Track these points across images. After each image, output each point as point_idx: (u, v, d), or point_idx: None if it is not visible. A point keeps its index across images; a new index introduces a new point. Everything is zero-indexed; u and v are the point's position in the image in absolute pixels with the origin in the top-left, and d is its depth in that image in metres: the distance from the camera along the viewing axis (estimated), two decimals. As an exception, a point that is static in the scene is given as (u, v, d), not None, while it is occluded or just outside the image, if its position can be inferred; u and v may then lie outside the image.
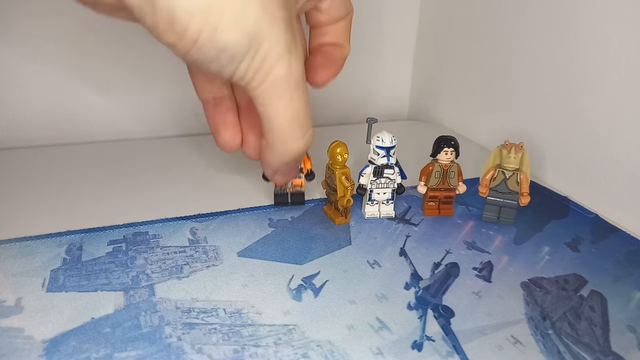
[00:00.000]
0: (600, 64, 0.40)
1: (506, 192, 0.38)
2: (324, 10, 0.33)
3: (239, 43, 0.23)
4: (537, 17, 0.45)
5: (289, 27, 0.25)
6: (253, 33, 0.23)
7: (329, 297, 0.30)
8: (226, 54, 0.24)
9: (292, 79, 0.26)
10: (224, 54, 0.24)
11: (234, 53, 0.24)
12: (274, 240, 0.35)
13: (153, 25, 0.23)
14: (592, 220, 0.40)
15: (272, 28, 0.24)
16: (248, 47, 0.24)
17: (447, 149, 0.37)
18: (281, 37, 0.25)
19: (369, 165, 0.38)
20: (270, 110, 0.27)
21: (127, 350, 0.25)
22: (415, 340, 0.27)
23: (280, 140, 0.28)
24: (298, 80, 0.26)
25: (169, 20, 0.22)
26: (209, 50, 0.23)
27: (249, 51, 0.24)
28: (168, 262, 0.32)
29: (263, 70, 0.25)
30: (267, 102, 0.26)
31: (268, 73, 0.25)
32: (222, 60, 0.24)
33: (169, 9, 0.22)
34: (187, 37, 0.23)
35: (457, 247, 0.35)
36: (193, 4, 0.22)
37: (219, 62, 0.24)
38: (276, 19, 0.24)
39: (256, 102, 0.27)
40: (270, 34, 0.24)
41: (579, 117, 0.43)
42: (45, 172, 0.44)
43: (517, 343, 0.27)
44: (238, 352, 0.25)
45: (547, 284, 0.32)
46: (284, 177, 0.34)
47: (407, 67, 0.65)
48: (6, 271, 0.31)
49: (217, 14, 0.22)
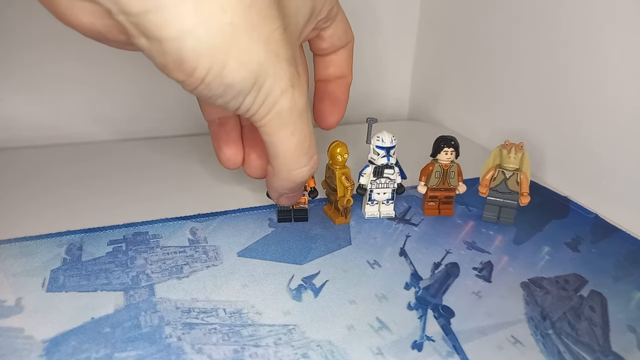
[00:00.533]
0: (601, 64, 0.40)
1: (506, 192, 0.38)
2: (326, 39, 0.35)
3: (244, 81, 0.25)
4: (537, 17, 0.45)
5: (292, 63, 0.26)
6: (258, 71, 0.25)
7: (329, 297, 0.30)
8: (232, 90, 0.25)
9: (296, 111, 0.27)
10: (230, 91, 0.25)
11: (240, 90, 0.25)
12: (274, 240, 0.35)
13: (162, 65, 0.24)
14: (592, 220, 0.40)
15: (276, 66, 0.25)
16: (253, 84, 0.25)
17: (447, 149, 0.37)
18: (285, 73, 0.26)
19: (369, 165, 0.38)
20: (275, 140, 0.28)
21: (127, 350, 0.25)
22: (415, 340, 0.27)
23: (286, 167, 0.30)
24: (301, 111, 0.28)
25: (178, 60, 0.23)
26: (216, 87, 0.24)
27: (254, 87, 0.25)
28: (168, 262, 0.32)
29: (267, 104, 0.26)
30: (271, 132, 0.28)
31: (272, 106, 0.26)
32: (228, 96, 0.25)
33: (177, 51, 0.23)
34: (195, 75, 0.24)
35: (457, 247, 0.35)
36: (200, 46, 0.23)
37: (224, 98, 0.25)
38: (279, 58, 0.25)
39: (261, 132, 0.28)
40: (274, 71, 0.25)
41: (579, 117, 0.43)
42: (45, 172, 0.44)
43: (517, 343, 0.27)
44: (238, 352, 0.25)
45: (547, 284, 0.32)
46: (289, 200, 0.35)
47: (407, 67, 0.65)
48: (6, 271, 0.31)
49: (224, 55, 0.23)
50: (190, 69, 0.23)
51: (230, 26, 0.23)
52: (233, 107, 0.26)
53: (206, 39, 0.23)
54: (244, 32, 0.24)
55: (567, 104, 0.44)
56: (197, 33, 0.22)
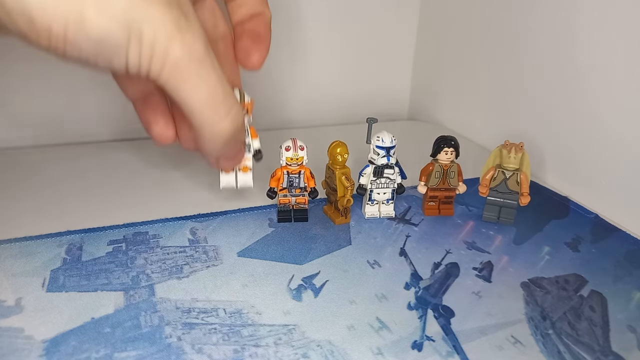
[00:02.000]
0: (601, 64, 0.40)
1: (506, 192, 0.38)
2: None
3: (114, 32, 0.22)
4: (537, 17, 0.45)
5: (171, 4, 0.24)
6: (126, 19, 0.22)
7: (329, 297, 0.30)
8: (106, 46, 0.23)
9: (194, 57, 0.25)
10: (104, 47, 0.23)
11: (114, 43, 0.23)
12: (274, 240, 0.35)
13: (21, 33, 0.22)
14: (592, 220, 0.40)
15: (149, 10, 0.23)
16: (127, 34, 0.23)
17: (447, 149, 0.37)
18: (164, 16, 0.23)
19: (369, 165, 0.38)
20: (183, 95, 0.26)
21: (127, 350, 0.25)
22: (415, 340, 0.27)
23: (205, 124, 0.27)
24: (201, 57, 0.25)
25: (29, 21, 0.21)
26: (85, 44, 0.22)
27: (131, 38, 0.23)
28: (168, 262, 0.32)
29: (157, 56, 0.24)
30: (176, 87, 0.25)
31: (164, 57, 0.24)
32: (105, 53, 0.23)
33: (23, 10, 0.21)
34: (54, 34, 0.22)
35: (457, 247, 0.35)
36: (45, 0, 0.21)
37: (103, 56, 0.23)
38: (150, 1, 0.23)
39: (167, 90, 0.26)
40: (148, 16, 0.23)
41: (579, 117, 0.43)
42: (45, 172, 0.44)
43: (517, 343, 0.27)
44: (238, 352, 0.25)
45: (547, 284, 0.32)
46: (230, 161, 0.33)
47: (407, 67, 0.65)
48: (6, 271, 0.31)
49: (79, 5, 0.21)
50: (44, 28, 0.21)
51: None
52: (119, 66, 0.24)
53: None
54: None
55: (567, 104, 0.44)
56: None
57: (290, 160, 0.36)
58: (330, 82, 0.62)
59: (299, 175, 0.37)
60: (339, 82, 0.62)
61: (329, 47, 0.60)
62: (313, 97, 0.62)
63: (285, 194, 0.37)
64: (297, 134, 0.38)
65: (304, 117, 0.62)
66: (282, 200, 0.37)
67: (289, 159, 0.36)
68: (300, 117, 0.62)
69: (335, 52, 0.60)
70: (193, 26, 0.25)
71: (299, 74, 0.60)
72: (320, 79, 0.61)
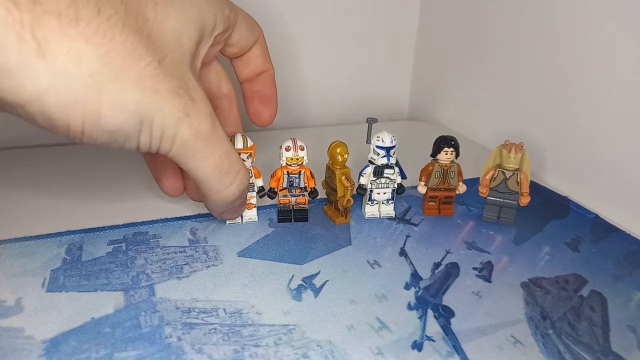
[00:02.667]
0: (601, 64, 0.40)
1: (506, 192, 0.38)
2: (234, 45, 0.35)
3: (126, 123, 0.24)
4: (538, 17, 0.45)
5: (179, 93, 0.26)
6: (138, 111, 0.24)
7: (329, 297, 0.30)
8: (120, 134, 0.24)
9: (201, 136, 0.27)
10: (118, 136, 0.24)
11: (128, 132, 0.25)
12: (274, 240, 0.35)
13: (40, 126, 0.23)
14: (592, 220, 0.40)
15: (159, 101, 0.25)
16: (139, 124, 0.25)
17: (447, 149, 0.37)
18: (172, 106, 0.25)
19: (369, 165, 0.38)
20: (192, 168, 0.28)
21: (127, 350, 0.25)
22: (415, 340, 0.27)
23: (212, 191, 0.30)
24: (207, 135, 0.27)
25: (48, 120, 0.23)
26: (101, 135, 0.24)
27: (143, 127, 0.25)
28: (168, 262, 0.32)
29: (167, 138, 0.26)
30: (184, 162, 0.28)
31: (173, 139, 0.26)
32: (119, 140, 0.25)
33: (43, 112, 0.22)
34: (72, 129, 0.23)
35: (457, 247, 0.35)
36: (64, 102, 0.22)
37: (118, 142, 0.25)
38: (160, 92, 0.25)
39: (175, 161, 0.28)
40: (158, 106, 0.25)
41: (579, 117, 0.43)
42: (45, 172, 0.44)
43: (517, 343, 0.27)
44: (238, 352, 0.25)
45: (547, 284, 0.32)
46: (234, 214, 0.35)
47: (407, 67, 0.65)
48: (6, 271, 0.31)
49: (94, 104, 0.23)
50: (63, 125, 0.23)
51: (91, 77, 0.22)
52: (132, 148, 0.26)
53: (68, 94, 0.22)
54: (109, 78, 0.23)
55: (567, 104, 0.44)
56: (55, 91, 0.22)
57: (291, 160, 0.36)
58: (330, 82, 0.62)
59: (299, 175, 0.37)
60: (339, 82, 0.62)
61: (329, 47, 0.60)
62: (313, 97, 0.62)
63: (285, 194, 0.37)
64: (297, 134, 0.38)
65: (304, 117, 0.62)
66: (282, 200, 0.37)
67: (289, 159, 0.36)
68: (300, 117, 0.62)
69: (335, 52, 0.60)
70: (200, 108, 0.27)
71: (299, 74, 0.60)
72: (320, 79, 0.61)
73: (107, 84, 0.23)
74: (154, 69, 0.25)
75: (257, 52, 0.37)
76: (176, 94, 0.26)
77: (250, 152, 0.35)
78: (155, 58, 0.25)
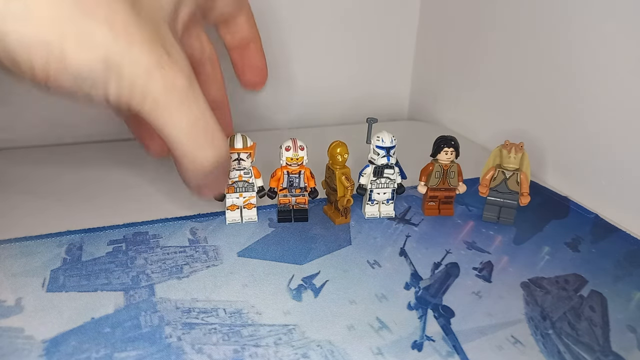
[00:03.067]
0: (601, 64, 0.40)
1: (506, 192, 0.38)
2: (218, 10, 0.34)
3: (92, 67, 0.23)
4: (538, 17, 0.45)
5: (155, 43, 0.24)
6: (105, 55, 0.23)
7: (329, 297, 0.30)
8: (85, 80, 0.23)
9: (175, 91, 0.25)
10: (83, 81, 0.23)
11: (93, 78, 0.23)
12: (274, 240, 0.35)
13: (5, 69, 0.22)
14: (592, 220, 0.40)
15: (130, 47, 0.23)
16: (106, 70, 0.23)
17: (447, 149, 0.37)
18: (146, 55, 0.24)
19: (369, 165, 0.38)
20: (163, 127, 0.26)
21: (127, 350, 0.25)
22: (415, 340, 0.27)
23: (186, 155, 0.28)
24: (183, 91, 0.26)
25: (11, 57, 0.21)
26: (65, 79, 0.23)
27: (110, 74, 0.23)
28: (168, 262, 0.32)
29: (137, 90, 0.24)
30: (156, 119, 0.26)
31: (144, 91, 0.24)
32: (84, 87, 0.23)
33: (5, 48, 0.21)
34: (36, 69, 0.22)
35: (457, 247, 0.35)
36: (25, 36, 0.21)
37: (83, 90, 0.23)
38: (134, 38, 0.23)
39: (148, 121, 0.26)
40: (129, 53, 0.23)
41: (579, 117, 0.43)
42: (45, 172, 0.44)
43: (517, 343, 0.27)
44: (238, 352, 0.25)
45: (547, 284, 0.32)
46: (213, 190, 0.33)
47: (407, 67, 0.65)
48: (6, 271, 0.31)
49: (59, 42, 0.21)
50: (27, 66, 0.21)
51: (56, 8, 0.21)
52: (99, 99, 0.24)
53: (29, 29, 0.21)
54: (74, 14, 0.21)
55: (567, 103, 0.44)
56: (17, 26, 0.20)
57: (291, 160, 0.36)
58: (330, 82, 0.62)
59: (299, 175, 0.37)
60: (339, 82, 0.62)
61: (329, 47, 0.60)
62: (313, 97, 0.62)
63: (285, 194, 0.37)
64: (297, 134, 0.38)
65: (304, 117, 0.62)
66: (282, 200, 0.37)
67: (289, 159, 0.36)
68: (300, 117, 0.62)
69: (335, 52, 0.60)
70: (176, 62, 0.25)
71: (299, 74, 0.60)
72: (320, 79, 0.61)
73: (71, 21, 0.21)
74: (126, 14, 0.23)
75: (243, 20, 0.36)
76: (150, 43, 0.24)
77: (250, 151, 0.35)
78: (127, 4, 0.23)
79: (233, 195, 0.36)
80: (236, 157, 0.35)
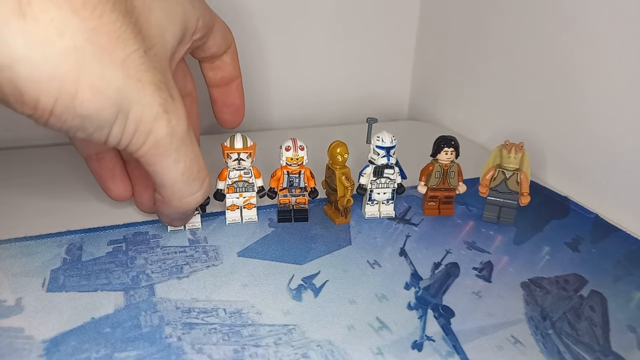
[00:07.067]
0: (601, 64, 0.40)
1: (506, 192, 0.38)
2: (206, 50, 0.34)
3: (103, 110, 0.22)
4: (538, 17, 0.45)
5: (161, 87, 0.24)
6: (118, 99, 0.22)
7: (329, 297, 0.30)
8: (91, 122, 0.23)
9: (176, 137, 0.26)
10: (89, 122, 0.23)
11: (101, 121, 0.23)
12: (274, 240, 0.35)
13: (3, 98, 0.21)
14: (592, 220, 0.40)
15: (140, 92, 0.23)
16: (115, 113, 0.23)
17: (447, 149, 0.37)
18: (153, 99, 0.24)
19: (369, 165, 0.38)
20: (159, 170, 0.26)
21: (127, 350, 0.25)
22: (415, 340, 0.27)
23: (176, 196, 0.28)
24: (182, 136, 0.26)
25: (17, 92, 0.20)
26: (71, 119, 0.22)
27: (118, 117, 0.23)
28: (168, 262, 0.32)
29: (140, 134, 0.24)
30: (153, 162, 0.26)
31: (147, 135, 0.24)
32: (88, 128, 0.23)
33: (12, 81, 0.20)
34: (40, 107, 0.21)
35: (457, 247, 0.35)
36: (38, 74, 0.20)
37: (85, 131, 0.23)
38: (143, 83, 0.23)
39: (142, 163, 0.26)
40: (138, 97, 0.23)
41: (579, 117, 0.43)
42: (45, 172, 0.44)
43: (517, 343, 0.27)
44: (238, 352, 0.25)
45: (547, 284, 0.32)
46: (183, 221, 0.34)
47: (407, 67, 0.65)
48: (6, 271, 0.31)
49: (72, 83, 0.21)
50: (32, 100, 0.21)
51: (74, 50, 0.20)
52: (99, 139, 0.24)
53: (44, 66, 0.20)
54: (93, 57, 0.21)
55: (567, 104, 0.44)
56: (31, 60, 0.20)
57: (291, 160, 0.36)
58: (331, 82, 0.62)
59: (299, 175, 0.37)
60: (339, 82, 0.62)
61: (329, 47, 0.60)
62: (313, 97, 0.62)
63: (285, 194, 0.37)
64: (297, 134, 0.38)
65: (305, 117, 0.62)
66: (282, 200, 0.37)
67: (289, 159, 0.36)
68: (300, 117, 0.62)
69: (336, 52, 0.60)
70: (178, 107, 0.26)
71: (299, 74, 0.60)
72: (320, 79, 0.61)
73: (89, 63, 0.21)
74: (140, 57, 0.23)
75: (228, 59, 0.36)
76: (158, 88, 0.24)
77: (250, 152, 0.35)
78: (141, 47, 0.23)
79: (233, 195, 0.36)
80: (236, 157, 0.35)
